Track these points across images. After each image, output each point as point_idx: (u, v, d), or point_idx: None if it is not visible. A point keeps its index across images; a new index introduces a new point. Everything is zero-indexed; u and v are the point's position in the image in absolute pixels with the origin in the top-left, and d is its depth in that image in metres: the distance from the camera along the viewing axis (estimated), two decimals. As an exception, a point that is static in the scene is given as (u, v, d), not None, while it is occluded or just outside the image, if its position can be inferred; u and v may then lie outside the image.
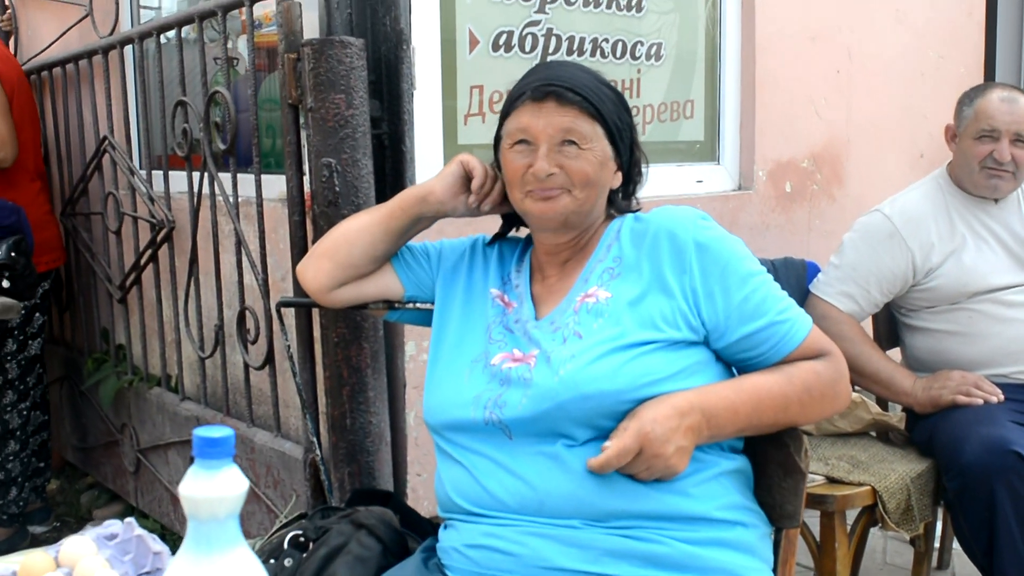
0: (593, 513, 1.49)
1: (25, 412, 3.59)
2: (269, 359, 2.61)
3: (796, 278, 2.87)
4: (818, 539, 2.49)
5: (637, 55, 3.20)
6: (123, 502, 3.74)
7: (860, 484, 2.44)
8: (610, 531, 1.49)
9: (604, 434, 1.50)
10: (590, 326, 1.56)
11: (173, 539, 3.10)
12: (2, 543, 3.48)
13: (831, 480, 2.48)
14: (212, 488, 0.88)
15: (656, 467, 1.47)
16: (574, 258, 1.68)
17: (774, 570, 1.63)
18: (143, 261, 3.29)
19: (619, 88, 1.71)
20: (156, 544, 1.36)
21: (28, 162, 3.57)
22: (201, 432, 0.89)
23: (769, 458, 1.67)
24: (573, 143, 1.59)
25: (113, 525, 1.46)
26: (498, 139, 1.70)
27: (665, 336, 1.53)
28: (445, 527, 1.66)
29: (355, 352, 2.28)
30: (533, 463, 1.53)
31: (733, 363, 1.62)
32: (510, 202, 1.72)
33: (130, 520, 1.43)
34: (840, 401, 1.63)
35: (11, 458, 3.55)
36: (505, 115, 1.66)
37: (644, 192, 1.75)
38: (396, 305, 1.89)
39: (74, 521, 3.85)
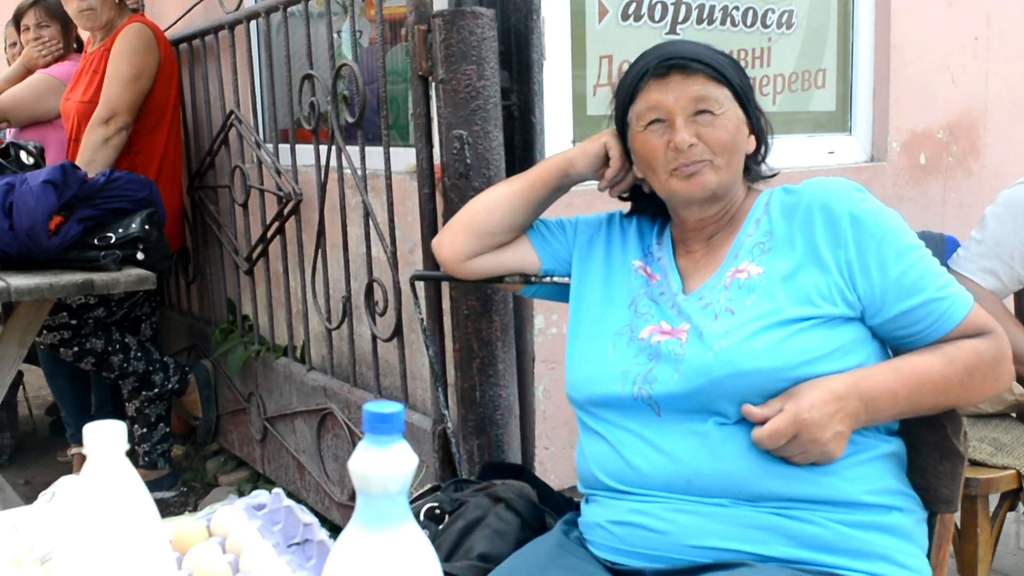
0: (743, 493, 1.46)
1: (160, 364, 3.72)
2: (397, 331, 2.62)
3: (935, 253, 2.75)
4: (958, 523, 2.40)
5: (768, 23, 3.11)
6: (248, 468, 3.82)
7: (1004, 467, 2.34)
8: (761, 509, 1.45)
9: None
10: (743, 302, 1.52)
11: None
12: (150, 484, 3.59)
13: (972, 463, 2.38)
14: (383, 463, 0.87)
15: (812, 452, 1.42)
16: (720, 232, 1.64)
17: (928, 555, 1.57)
18: (270, 233, 3.33)
19: (750, 57, 1.67)
20: (305, 515, 1.36)
21: (163, 141, 3.67)
22: (371, 407, 0.87)
23: (924, 440, 1.60)
24: (707, 111, 1.55)
25: (261, 495, 1.47)
26: (623, 126, 1.67)
27: (821, 312, 1.48)
28: (587, 502, 1.64)
29: (485, 325, 2.27)
30: (682, 440, 1.50)
31: (889, 341, 1.55)
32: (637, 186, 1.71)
33: (278, 491, 1.44)
34: (1002, 382, 1.55)
35: (148, 404, 3.68)
36: (627, 101, 1.63)
37: (774, 163, 1.71)
38: (532, 279, 1.87)
39: (200, 487, 3.94)
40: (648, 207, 1.76)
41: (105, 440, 0.93)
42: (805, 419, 1.41)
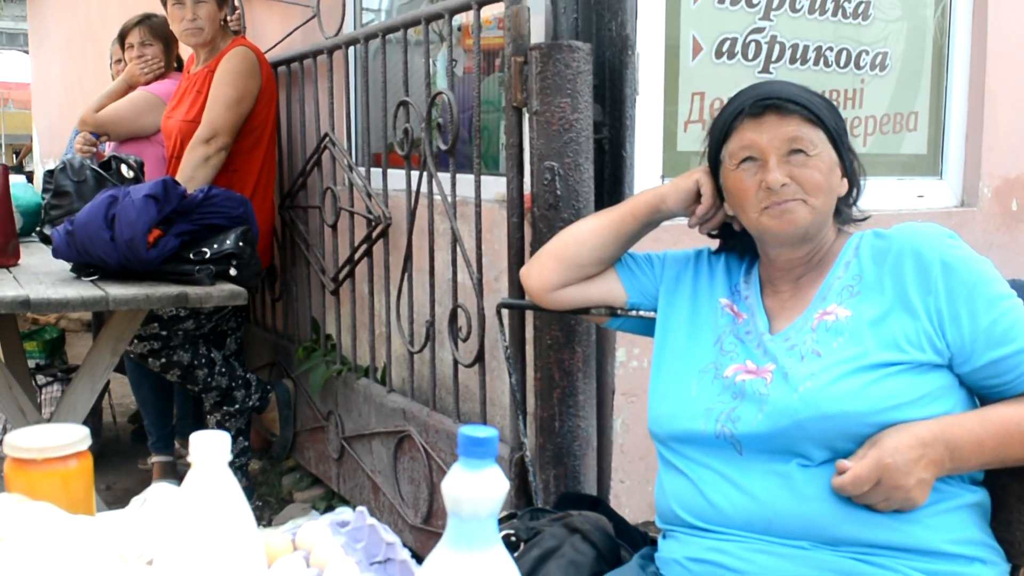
0: (824, 537, 1.45)
1: (243, 381, 3.80)
2: (479, 357, 2.64)
3: (1025, 302, 2.72)
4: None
5: (861, 64, 3.09)
6: (323, 486, 3.86)
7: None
8: (842, 554, 1.44)
9: (841, 456, 1.46)
10: (829, 344, 1.52)
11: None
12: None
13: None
14: (475, 487, 0.89)
15: (895, 499, 1.42)
16: (809, 274, 1.64)
17: (1010, 610, 1.55)
18: (357, 255, 3.39)
19: (842, 98, 1.68)
20: (388, 535, 1.38)
21: (259, 161, 3.77)
22: (467, 431, 0.89)
23: (1010, 491, 1.58)
24: (801, 151, 1.56)
25: (344, 512, 1.50)
26: (716, 164, 1.68)
27: (909, 358, 1.47)
28: (665, 537, 1.65)
29: (567, 355, 2.29)
30: (764, 480, 1.50)
31: (977, 390, 1.54)
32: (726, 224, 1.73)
33: (362, 509, 1.47)
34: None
35: (228, 418, 3.77)
36: (721, 139, 1.65)
37: (864, 205, 1.70)
38: (618, 312, 1.88)
39: (275, 502, 4.00)
40: (737, 245, 1.77)
41: (210, 449, 0.97)
42: (888, 464, 1.40)
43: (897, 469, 1.40)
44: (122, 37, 4.35)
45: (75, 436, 1.28)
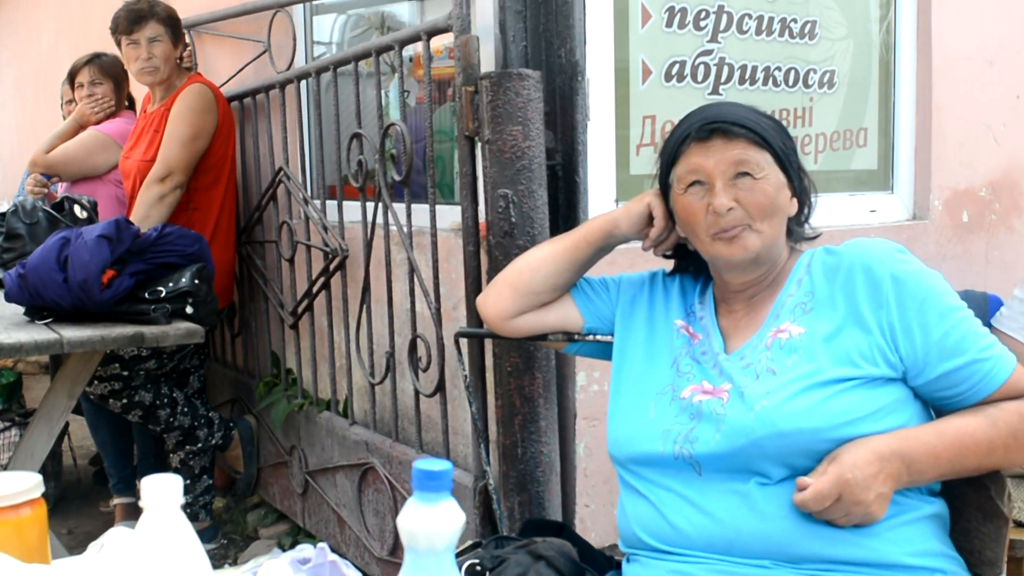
0: (785, 555, 1.46)
1: (206, 420, 3.77)
2: (440, 387, 2.64)
3: (977, 312, 2.72)
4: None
5: (810, 83, 3.14)
6: (289, 522, 3.83)
7: (1050, 530, 2.32)
8: (803, 572, 1.45)
9: (799, 473, 1.46)
10: (784, 362, 1.53)
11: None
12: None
13: (1017, 524, 2.35)
14: (431, 520, 0.89)
15: (855, 514, 1.42)
16: (762, 293, 1.65)
17: (971, 620, 1.56)
18: (315, 288, 3.38)
19: (791, 117, 1.70)
20: (350, 570, 1.37)
21: (219, 198, 3.75)
22: (421, 465, 0.89)
23: (968, 501, 1.60)
24: (747, 174, 1.57)
25: (306, 549, 1.48)
26: (666, 188, 1.69)
27: (863, 372, 1.49)
28: (628, 561, 1.65)
29: (527, 382, 2.29)
30: (723, 500, 1.50)
31: (931, 402, 1.56)
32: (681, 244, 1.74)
33: (323, 545, 1.45)
34: (1047, 444, 1.54)
35: (192, 457, 3.74)
36: (670, 163, 1.66)
37: (816, 222, 1.72)
38: (575, 337, 1.89)
39: (240, 539, 3.96)
40: (691, 266, 1.78)
41: (162, 493, 0.96)
42: (848, 479, 1.41)
43: (857, 484, 1.41)
44: (72, 77, 4.32)
45: (27, 483, 1.26)
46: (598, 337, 1.87)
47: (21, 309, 3.06)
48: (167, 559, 0.95)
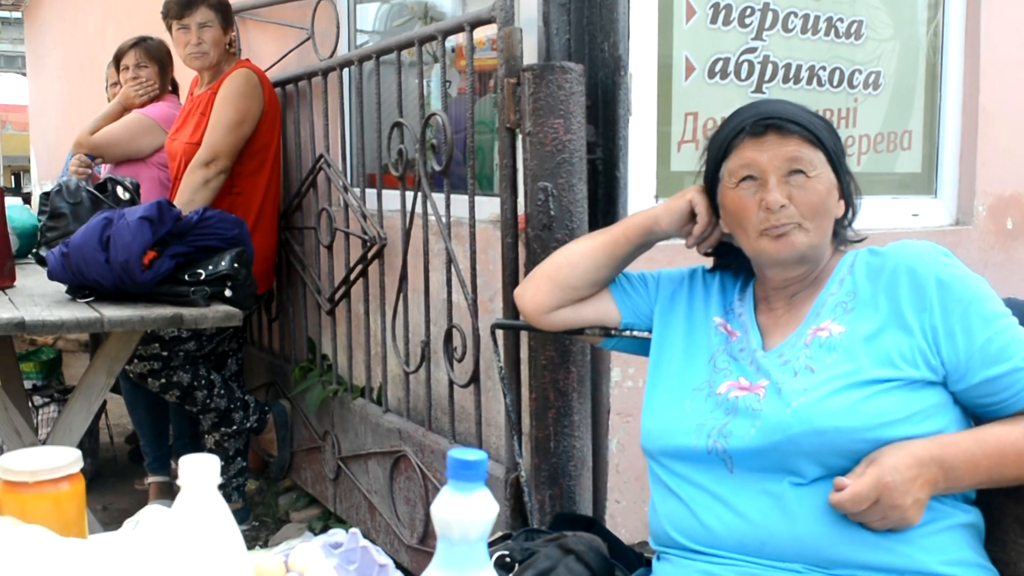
0: (816, 559, 1.45)
1: (242, 403, 3.80)
2: (474, 377, 2.64)
3: (1021, 320, 2.72)
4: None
5: (855, 84, 3.11)
6: (320, 506, 3.86)
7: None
8: (834, 577, 1.44)
9: (833, 473, 1.45)
10: (823, 360, 1.52)
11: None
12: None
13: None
14: (465, 510, 0.89)
15: (892, 518, 1.41)
16: (803, 291, 1.64)
17: (1005, 631, 1.54)
18: (353, 276, 3.40)
19: (835, 118, 1.68)
20: (381, 556, 1.38)
21: (264, 183, 3.78)
22: (456, 454, 0.90)
23: (1005, 512, 1.58)
24: (800, 172, 1.56)
25: (338, 534, 1.50)
26: (713, 182, 1.68)
27: (903, 374, 1.47)
28: (659, 559, 1.64)
29: (562, 375, 2.29)
30: (755, 500, 1.50)
31: (971, 408, 1.54)
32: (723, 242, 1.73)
33: (355, 530, 1.46)
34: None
35: (226, 439, 3.77)
36: (720, 157, 1.65)
37: (858, 224, 1.71)
38: (612, 332, 1.88)
39: (271, 522, 3.99)
40: (732, 263, 1.77)
41: (199, 473, 0.97)
42: (888, 482, 1.40)
43: (896, 488, 1.40)
44: (117, 59, 4.36)
45: (67, 459, 1.28)
46: (635, 333, 1.86)
47: (63, 287, 3.10)
48: (203, 539, 0.96)
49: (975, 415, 1.56)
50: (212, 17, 3.75)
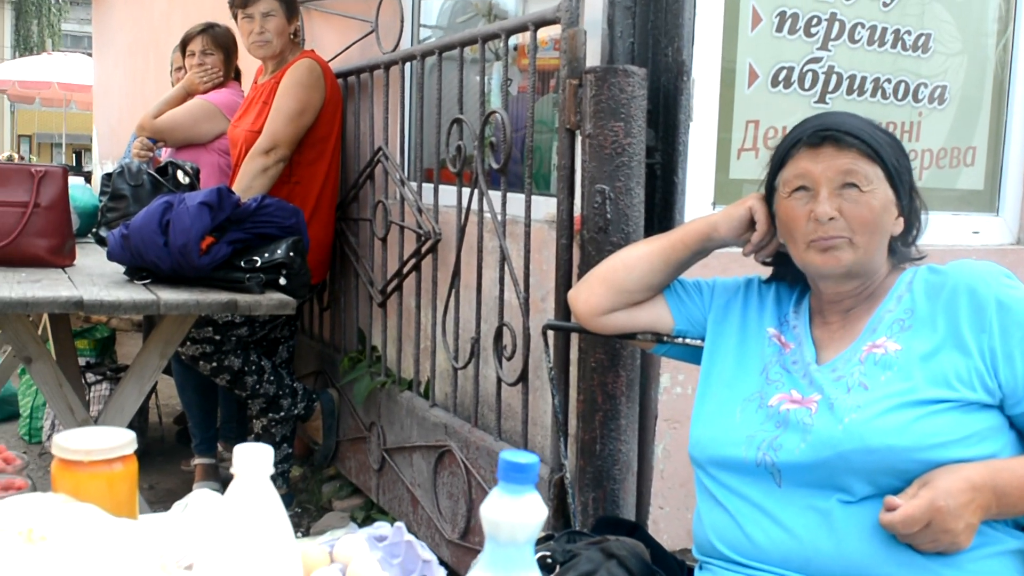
0: (862, 578, 1.44)
1: (290, 390, 3.84)
2: (523, 376, 2.65)
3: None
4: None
5: (920, 97, 3.07)
6: (363, 496, 3.89)
7: None
8: (880, 598, 1.43)
9: (883, 492, 1.44)
10: (877, 378, 1.50)
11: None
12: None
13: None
14: (514, 512, 0.89)
15: (942, 542, 1.40)
16: (859, 306, 1.63)
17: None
18: (406, 269, 3.41)
19: (899, 131, 1.66)
20: (425, 552, 1.39)
21: (323, 173, 3.81)
22: (508, 456, 0.90)
23: (1056, 539, 1.55)
24: (854, 185, 1.55)
25: (383, 527, 1.51)
26: (771, 191, 1.67)
27: (959, 396, 1.45)
28: (701, 568, 1.64)
29: (611, 379, 2.28)
30: (802, 516, 1.49)
31: (1027, 433, 1.52)
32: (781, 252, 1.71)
33: (400, 524, 1.47)
34: None
35: (274, 424, 3.81)
36: (779, 166, 1.64)
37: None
38: (665, 339, 1.88)
39: (314, 509, 4.02)
40: (788, 274, 1.76)
41: (253, 461, 0.98)
42: (941, 507, 1.38)
43: (949, 512, 1.38)
44: (184, 45, 4.41)
45: (121, 440, 1.30)
46: (687, 340, 1.86)
47: (122, 268, 3.14)
48: (254, 526, 0.97)
49: (1031, 440, 1.53)
50: (276, 7, 3.78)
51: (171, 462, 4.58)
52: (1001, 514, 1.44)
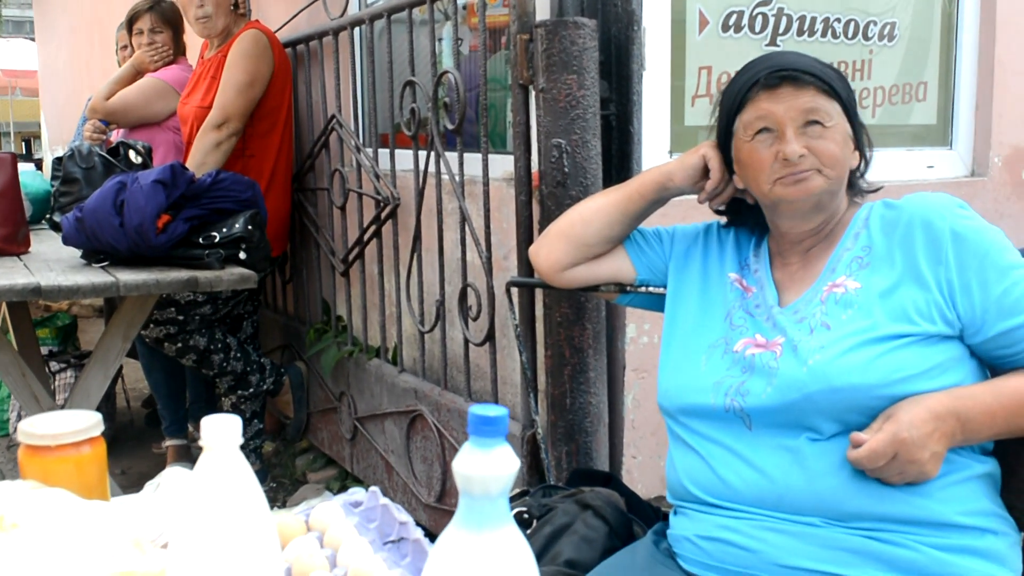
0: (834, 512, 1.45)
1: (258, 365, 3.82)
2: (490, 336, 2.65)
3: (1037, 272, 2.70)
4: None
5: (869, 35, 3.07)
6: (337, 467, 3.89)
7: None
8: (852, 531, 1.44)
9: (851, 428, 1.45)
10: (838, 317, 1.51)
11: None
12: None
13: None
14: (486, 466, 0.89)
15: (909, 472, 1.41)
16: (818, 246, 1.63)
17: (1022, 580, 1.55)
18: (366, 237, 3.39)
19: (850, 70, 1.66)
20: (401, 514, 1.39)
21: (276, 144, 3.77)
22: (476, 410, 0.89)
23: (1021, 461, 1.58)
24: (817, 123, 1.55)
25: (357, 493, 1.51)
26: (726, 136, 1.67)
27: (919, 330, 1.47)
28: (676, 513, 1.65)
29: (577, 332, 2.29)
30: (773, 455, 1.50)
31: (987, 360, 1.53)
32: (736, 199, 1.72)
33: (375, 489, 1.47)
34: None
35: (243, 401, 3.80)
36: (735, 110, 1.63)
37: (873, 176, 1.69)
38: (628, 289, 1.88)
39: (289, 483, 4.02)
40: (747, 219, 1.76)
41: (221, 433, 0.97)
42: (904, 438, 1.40)
43: (913, 443, 1.40)
44: (131, 23, 4.34)
45: (88, 422, 1.29)
46: (651, 289, 1.86)
47: (78, 252, 3.11)
48: (227, 498, 0.97)
49: (992, 367, 1.55)
50: None
51: (142, 446, 4.56)
52: (967, 441, 1.46)
